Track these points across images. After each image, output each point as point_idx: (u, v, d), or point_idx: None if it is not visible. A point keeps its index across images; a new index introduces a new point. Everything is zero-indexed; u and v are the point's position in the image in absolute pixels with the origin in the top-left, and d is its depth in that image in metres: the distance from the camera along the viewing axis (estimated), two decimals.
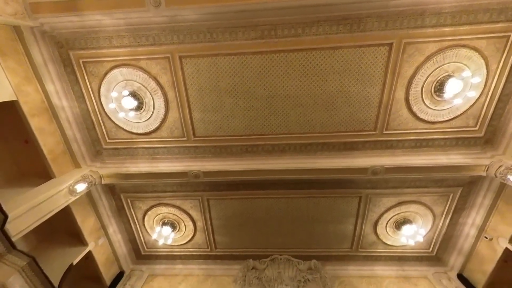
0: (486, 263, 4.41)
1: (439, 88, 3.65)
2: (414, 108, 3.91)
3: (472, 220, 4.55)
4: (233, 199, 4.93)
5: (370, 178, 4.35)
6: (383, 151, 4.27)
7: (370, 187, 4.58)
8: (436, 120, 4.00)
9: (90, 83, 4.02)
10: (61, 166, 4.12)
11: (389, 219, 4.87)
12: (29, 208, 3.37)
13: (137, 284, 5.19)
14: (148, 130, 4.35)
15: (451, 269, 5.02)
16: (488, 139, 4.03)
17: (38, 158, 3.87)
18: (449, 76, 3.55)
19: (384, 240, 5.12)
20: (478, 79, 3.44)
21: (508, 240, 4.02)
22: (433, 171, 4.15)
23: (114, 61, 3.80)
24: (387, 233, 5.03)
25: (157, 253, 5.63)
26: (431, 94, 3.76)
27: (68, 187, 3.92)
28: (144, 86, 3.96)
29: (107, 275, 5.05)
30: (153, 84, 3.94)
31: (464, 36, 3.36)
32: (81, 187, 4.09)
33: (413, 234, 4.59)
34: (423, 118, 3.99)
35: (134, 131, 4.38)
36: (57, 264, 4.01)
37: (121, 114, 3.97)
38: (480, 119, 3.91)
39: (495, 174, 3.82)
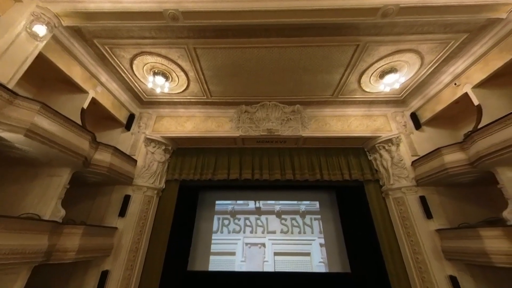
0: (440, 104, 5.27)
1: None
2: None
3: (454, 68, 4.74)
4: (222, 48, 4.56)
5: (377, 22, 3.82)
6: None
7: (372, 33, 4.15)
8: None
9: None
10: None
11: (377, 69, 4.99)
12: None
13: (149, 122, 6.27)
14: None
15: (409, 109, 6.10)
16: None
17: None
18: None
19: (363, 88, 5.63)
20: None
21: (472, 86, 4.50)
22: (452, 13, 3.61)
23: None
24: (369, 82, 5.40)
25: (158, 100, 6.20)
26: None
27: (25, 29, 3.38)
28: None
29: (121, 116, 5.90)
30: None
31: None
32: (41, 30, 3.52)
33: (393, 82, 4.98)
34: None
35: None
36: (68, 108, 4.43)
37: None
38: None
39: None
